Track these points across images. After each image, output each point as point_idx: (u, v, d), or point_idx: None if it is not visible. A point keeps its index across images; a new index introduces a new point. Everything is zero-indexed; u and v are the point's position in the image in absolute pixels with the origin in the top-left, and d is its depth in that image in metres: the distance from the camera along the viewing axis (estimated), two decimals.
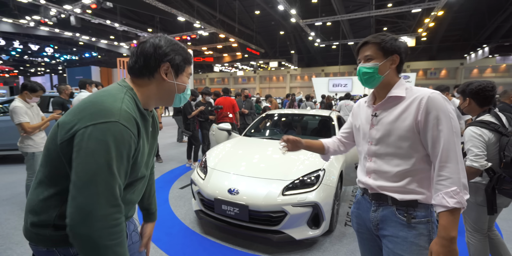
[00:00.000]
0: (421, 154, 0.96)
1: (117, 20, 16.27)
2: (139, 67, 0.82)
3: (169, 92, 0.87)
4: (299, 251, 2.17)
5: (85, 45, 23.50)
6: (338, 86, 16.84)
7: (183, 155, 5.52)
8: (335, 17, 14.87)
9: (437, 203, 0.88)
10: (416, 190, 0.97)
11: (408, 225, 0.97)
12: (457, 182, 0.86)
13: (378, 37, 1.02)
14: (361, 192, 1.16)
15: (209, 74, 36.29)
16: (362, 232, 1.17)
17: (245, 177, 2.33)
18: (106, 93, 0.76)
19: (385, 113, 1.03)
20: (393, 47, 1.00)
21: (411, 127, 0.95)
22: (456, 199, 0.84)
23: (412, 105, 0.96)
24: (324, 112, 3.85)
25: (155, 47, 0.81)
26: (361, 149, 1.14)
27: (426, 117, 0.92)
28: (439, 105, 0.91)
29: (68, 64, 30.73)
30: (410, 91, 1.00)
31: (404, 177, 0.98)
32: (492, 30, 19.07)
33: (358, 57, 1.09)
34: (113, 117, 0.70)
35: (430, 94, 0.93)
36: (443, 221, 0.86)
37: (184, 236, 2.40)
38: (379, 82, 1.04)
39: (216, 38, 21.26)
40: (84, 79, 3.77)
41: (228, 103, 4.99)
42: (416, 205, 0.97)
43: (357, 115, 1.19)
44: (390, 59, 1.01)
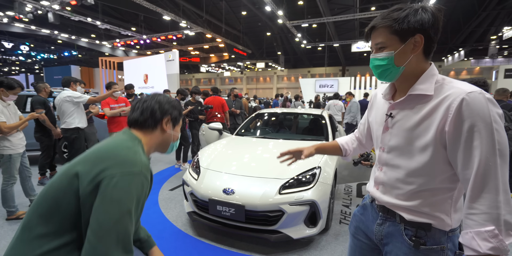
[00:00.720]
0: (445, 174, 0.75)
1: (99, 18, 15.68)
2: (145, 119, 0.92)
3: (167, 140, 1.00)
4: (296, 251, 2.14)
5: (64, 43, 22.48)
6: (325, 87, 17.13)
7: (171, 156, 5.36)
8: (320, 19, 15.14)
9: (465, 244, 0.68)
10: (431, 213, 0.78)
11: (414, 251, 0.79)
12: (495, 219, 0.63)
13: (389, 17, 0.75)
14: (370, 198, 0.98)
15: (195, 74, 35.82)
16: (358, 238, 1.02)
17: (240, 176, 2.27)
18: (122, 145, 0.83)
19: (404, 115, 0.80)
20: (412, 26, 0.72)
21: (435, 139, 0.72)
22: (492, 243, 0.63)
23: (440, 108, 0.71)
24: (316, 111, 3.87)
25: (159, 103, 0.95)
26: (376, 152, 0.95)
27: (457, 127, 0.68)
28: (479, 111, 0.65)
29: (46, 63, 29.28)
30: (440, 87, 0.74)
31: (420, 197, 0.79)
32: (467, 35, 20.16)
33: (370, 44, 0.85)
34: (138, 167, 0.77)
35: (467, 95, 0.67)
36: None
37: (176, 239, 2.30)
38: (398, 74, 0.79)
39: (203, 38, 21.03)
40: (68, 76, 3.54)
41: (218, 102, 4.91)
42: (429, 228, 0.78)
43: (371, 110, 0.98)
44: (410, 43, 0.74)
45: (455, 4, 16.46)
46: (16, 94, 2.53)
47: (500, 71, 17.10)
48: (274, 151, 2.84)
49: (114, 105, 3.83)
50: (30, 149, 4.16)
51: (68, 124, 3.32)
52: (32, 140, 3.66)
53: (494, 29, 18.28)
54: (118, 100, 3.90)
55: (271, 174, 2.25)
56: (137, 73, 17.04)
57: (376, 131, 0.92)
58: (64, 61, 28.20)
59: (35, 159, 3.89)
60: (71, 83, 3.47)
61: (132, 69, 17.60)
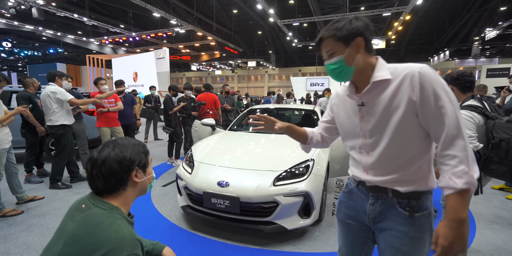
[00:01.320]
0: (420, 137, 0.88)
1: (86, 14, 15.26)
2: (112, 186, 0.83)
3: (142, 188, 0.91)
4: (291, 241, 2.17)
5: (49, 40, 21.78)
6: (316, 85, 17.30)
7: (163, 153, 5.31)
8: (311, 18, 15.26)
9: (444, 185, 0.80)
10: (418, 177, 0.90)
11: (410, 220, 0.90)
12: (464, 160, 0.77)
13: (330, 29, 0.90)
14: (355, 183, 1.04)
15: (186, 73, 35.43)
16: (349, 223, 1.07)
17: (235, 169, 2.28)
18: (100, 228, 0.74)
19: (374, 101, 0.91)
20: (351, 32, 0.87)
21: (408, 110, 0.84)
22: (465, 179, 0.76)
23: (403, 85, 0.85)
24: (308, 107, 3.92)
25: (119, 161, 0.82)
26: (352, 144, 1.02)
27: (422, 95, 0.82)
28: (432, 80, 0.81)
29: (30, 60, 28.29)
30: (395, 71, 0.88)
31: (406, 167, 0.89)
32: (452, 35, 20.81)
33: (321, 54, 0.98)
34: (124, 251, 0.72)
35: (420, 69, 0.83)
36: (452, 203, 0.78)
37: (170, 233, 2.29)
38: (352, 73, 0.92)
39: (193, 36, 20.83)
40: (53, 70, 3.38)
41: (210, 98, 4.89)
42: (419, 197, 0.90)
43: (338, 108, 1.06)
44: (353, 45, 0.88)
45: (440, 6, 16.96)
46: (1, 87, 2.45)
47: (482, 71, 17.74)
48: (267, 146, 2.87)
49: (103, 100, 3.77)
50: (17, 147, 4.04)
51: (53, 121, 3.20)
52: (19, 137, 3.55)
53: (477, 30, 18.95)
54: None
55: (265, 166, 2.28)
56: (126, 71, 16.67)
57: (352, 122, 0.99)
58: (49, 58, 27.29)
59: (23, 157, 3.77)
60: (56, 78, 3.33)
61: (121, 67, 17.20)
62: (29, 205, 2.82)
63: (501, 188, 3.39)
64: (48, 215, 2.60)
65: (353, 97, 0.96)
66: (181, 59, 24.85)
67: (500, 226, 2.44)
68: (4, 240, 2.14)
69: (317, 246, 2.11)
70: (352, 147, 1.02)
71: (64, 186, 3.35)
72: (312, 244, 2.13)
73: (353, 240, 1.09)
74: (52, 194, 3.14)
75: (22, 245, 2.08)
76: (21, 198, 2.83)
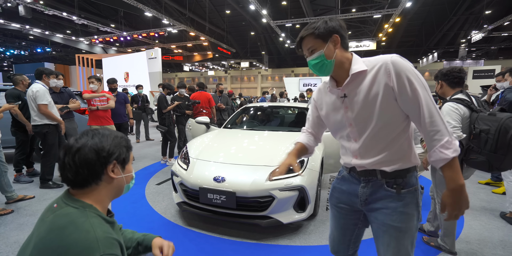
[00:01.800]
0: (401, 119, 0.97)
1: (75, 13, 14.97)
2: (84, 178, 0.75)
3: (119, 186, 0.83)
4: (286, 235, 2.20)
5: (37, 39, 21.28)
6: (308, 86, 17.48)
7: (155, 153, 5.28)
8: (304, 19, 15.41)
9: (435, 159, 0.89)
10: (401, 155, 0.99)
11: (397, 196, 0.99)
12: (445, 132, 0.88)
13: (309, 28, 1.00)
14: (347, 170, 1.12)
15: (178, 73, 35.17)
16: (341, 206, 1.15)
17: (230, 164, 2.30)
18: (70, 228, 0.67)
19: (355, 91, 0.99)
20: (327, 30, 0.98)
21: (387, 96, 0.93)
22: (452, 148, 0.86)
23: (379, 74, 0.94)
24: (302, 105, 3.97)
25: (96, 151, 0.74)
26: (340, 134, 1.10)
27: (398, 80, 0.91)
28: (404, 67, 0.91)
29: (16, 60, 27.52)
30: (369, 63, 0.98)
31: (390, 147, 0.99)
32: (440, 38, 21.38)
33: (303, 53, 1.07)
34: (96, 252, 0.65)
35: (392, 58, 0.93)
36: (449, 173, 0.88)
37: (166, 230, 2.29)
38: (332, 66, 1.00)
39: (186, 36, 20.71)
40: (41, 67, 3.25)
41: (204, 97, 4.88)
42: (404, 175, 1.00)
43: (322, 103, 1.14)
44: (331, 41, 0.98)
45: (429, 8, 17.41)
46: None
47: (469, 72, 18.25)
48: (261, 143, 2.89)
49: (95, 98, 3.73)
50: (7, 147, 3.95)
51: (36, 121, 3.09)
52: (9, 136, 3.47)
53: (463, 33, 19.54)
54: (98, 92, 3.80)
55: (260, 162, 2.30)
56: (117, 71, 16.41)
57: (334, 116, 1.08)
58: (37, 58, 26.60)
59: (12, 156, 3.68)
60: (43, 76, 3.21)
61: (111, 66, 16.92)
62: (19, 205, 2.75)
63: (487, 182, 3.52)
64: (39, 214, 2.54)
65: (335, 90, 1.06)
66: (173, 59, 24.66)
67: (486, 218, 2.53)
68: None
69: (312, 240, 2.14)
70: (341, 137, 1.11)
71: (55, 186, 3.29)
72: (307, 238, 2.17)
73: (344, 223, 1.17)
74: (43, 194, 3.08)
75: (13, 243, 2.03)
76: (11, 197, 2.77)
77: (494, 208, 2.77)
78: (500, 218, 2.53)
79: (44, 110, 3.07)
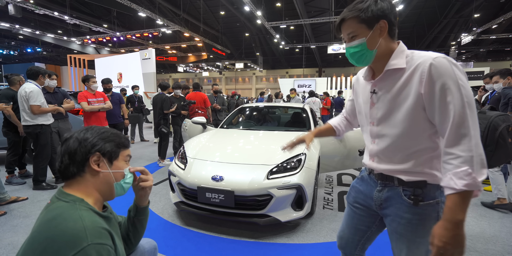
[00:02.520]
0: (428, 132, 0.85)
1: (67, 12, 14.75)
2: (65, 166, 0.77)
3: (107, 183, 0.82)
4: (284, 234, 2.21)
5: (27, 38, 20.90)
6: (303, 87, 17.65)
7: (152, 154, 5.24)
8: (298, 20, 15.56)
9: (444, 185, 0.77)
10: (425, 171, 0.88)
11: (414, 208, 0.89)
12: (469, 161, 0.73)
13: (354, 9, 0.87)
14: (367, 171, 1.07)
15: (172, 74, 34.95)
16: (357, 207, 1.10)
17: (228, 164, 2.30)
18: (58, 219, 0.67)
19: (385, 89, 0.90)
20: (375, 14, 0.84)
21: (415, 103, 0.82)
22: (467, 181, 0.72)
23: (414, 76, 0.82)
24: (298, 105, 4.01)
25: (80, 141, 0.78)
26: (364, 129, 1.04)
27: (431, 88, 0.78)
28: (445, 72, 0.76)
29: (5, 60, 26.92)
30: (411, 59, 0.85)
31: (411, 159, 0.88)
32: (431, 40, 21.86)
33: (341, 36, 0.95)
34: (83, 241, 0.64)
35: (433, 60, 0.78)
36: (450, 203, 0.76)
37: (164, 229, 2.28)
38: (373, 57, 0.89)
39: (180, 37, 20.64)
40: (36, 67, 3.15)
41: (200, 98, 4.88)
42: (424, 186, 0.88)
43: (357, 92, 1.07)
44: (377, 28, 0.85)
45: (420, 11, 17.79)
46: None
47: None
48: (258, 142, 2.91)
49: (92, 99, 3.67)
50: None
51: (28, 121, 3.03)
52: (1, 137, 3.39)
53: (453, 36, 20.02)
54: (96, 95, 3.74)
55: (258, 160, 2.31)
56: (110, 71, 16.20)
57: (364, 109, 1.01)
58: (27, 58, 26.10)
59: (3, 158, 3.60)
60: (40, 76, 3.13)
61: (104, 67, 16.70)
62: (11, 206, 2.70)
63: None
64: (33, 216, 2.50)
65: (368, 82, 0.97)
66: (167, 60, 24.53)
67: (478, 215, 2.60)
68: None
69: (309, 238, 2.16)
70: (365, 132, 1.04)
71: (49, 187, 3.23)
72: (305, 236, 2.19)
73: (357, 223, 1.12)
74: (36, 195, 3.03)
75: (8, 245, 1.99)
76: (3, 199, 2.71)
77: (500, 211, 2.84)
78: (490, 214, 2.60)
79: (36, 110, 3.00)
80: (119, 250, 0.76)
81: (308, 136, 1.20)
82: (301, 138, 1.20)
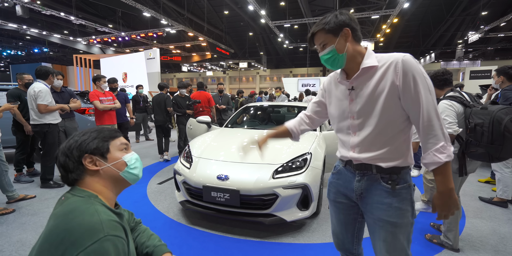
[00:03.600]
0: (403, 118, 0.98)
1: (73, 13, 14.90)
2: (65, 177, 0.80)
3: (112, 176, 0.84)
4: (290, 233, 2.20)
5: (34, 39, 21.15)
6: (307, 86, 17.54)
7: (157, 153, 5.25)
8: (302, 19, 15.48)
9: (429, 161, 0.92)
10: (398, 155, 1.00)
11: (393, 192, 1.00)
12: (442, 137, 0.90)
13: (319, 24, 1.02)
14: (342, 163, 1.15)
15: (176, 74, 35.09)
16: (339, 201, 1.17)
17: (234, 163, 2.30)
18: (75, 213, 0.70)
19: (363, 85, 1.01)
20: (338, 24, 0.98)
21: (392, 94, 0.95)
22: (446, 153, 0.89)
23: (388, 71, 0.95)
24: (303, 104, 3.99)
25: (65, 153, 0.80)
26: (340, 125, 1.11)
27: (404, 80, 0.92)
28: (413, 67, 0.92)
29: (13, 60, 27.33)
30: (381, 59, 0.98)
31: (388, 145, 1.00)
32: (437, 38, 21.54)
33: (314, 47, 1.08)
34: (100, 233, 0.66)
35: (403, 57, 0.94)
36: (439, 177, 0.92)
37: (169, 228, 2.29)
38: (344, 60, 1.01)
39: (184, 36, 20.70)
40: (46, 67, 3.19)
41: (204, 97, 4.89)
42: (399, 171, 1.00)
43: (330, 92, 1.16)
44: (342, 35, 0.99)
45: (426, 9, 17.56)
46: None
47: (466, 73, 18.41)
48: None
49: (103, 98, 3.73)
50: (7, 146, 3.92)
51: (36, 120, 3.07)
52: (10, 136, 3.44)
53: (460, 34, 19.71)
54: (105, 93, 3.83)
55: (263, 160, 2.30)
56: (115, 71, 16.34)
57: (342, 105, 1.09)
58: (34, 58, 26.44)
59: (12, 156, 3.65)
60: (50, 76, 3.18)
61: (109, 67, 16.86)
62: (20, 204, 2.74)
63: (487, 181, 3.55)
64: (41, 214, 2.53)
65: (344, 82, 1.07)
66: (171, 59, 24.64)
67: (488, 216, 2.55)
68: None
69: (315, 237, 2.15)
70: (340, 129, 1.12)
71: (56, 185, 3.27)
72: (311, 236, 2.17)
73: (344, 217, 1.18)
74: (44, 193, 3.06)
75: (16, 242, 2.02)
76: (12, 197, 2.75)
77: (495, 206, 2.79)
78: (501, 215, 2.55)
79: (43, 109, 3.04)
80: (130, 246, 0.77)
81: (262, 139, 1.28)
82: (255, 140, 1.28)
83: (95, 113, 3.81)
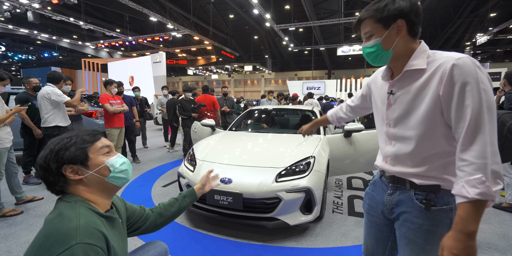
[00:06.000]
0: (446, 137, 0.80)
1: (82, 18, 15.28)
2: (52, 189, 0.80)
3: (98, 183, 0.81)
4: (293, 237, 2.19)
5: (44, 44, 21.72)
6: (312, 89, 17.57)
7: (162, 156, 5.31)
8: (307, 23, 15.52)
9: (456, 193, 0.73)
10: (440, 176, 0.83)
11: (425, 212, 0.85)
12: (482, 168, 0.69)
13: (371, 9, 0.84)
14: (379, 174, 1.04)
15: (182, 77, 35.50)
16: (372, 214, 1.06)
17: (237, 166, 2.31)
18: (58, 218, 0.71)
19: (403, 90, 0.85)
20: (392, 13, 0.80)
21: (433, 105, 0.78)
22: (480, 189, 0.68)
23: (434, 77, 0.77)
24: (306, 107, 3.99)
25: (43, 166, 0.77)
26: (379, 130, 0.99)
27: (450, 90, 0.74)
28: (467, 73, 0.72)
29: (24, 64, 28.06)
30: (432, 60, 0.80)
31: (426, 163, 0.84)
32: (444, 41, 21.32)
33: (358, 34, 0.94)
34: (73, 240, 0.65)
35: (457, 60, 0.74)
36: (461, 213, 0.71)
37: (173, 231, 2.30)
38: (389, 57, 0.86)
39: (190, 40, 20.97)
40: (58, 72, 3.26)
41: (209, 100, 4.93)
42: (438, 190, 0.84)
43: (374, 92, 1.03)
44: (393, 28, 0.82)
45: (433, 12, 17.41)
46: (5, 85, 2.46)
47: None
48: (267, 145, 2.90)
49: (113, 101, 3.88)
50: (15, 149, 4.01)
51: (47, 122, 3.14)
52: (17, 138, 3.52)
53: (468, 36, 19.46)
54: (114, 97, 4.02)
55: (267, 163, 2.31)
56: (122, 75, 16.66)
57: (381, 109, 0.97)
58: (44, 62, 27.14)
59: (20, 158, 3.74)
60: (61, 81, 3.25)
61: (117, 71, 17.20)
62: (28, 206, 2.79)
63: None
64: None
65: (386, 82, 0.94)
66: (177, 63, 24.96)
67: (496, 221, 2.50)
68: (5, 239, 2.12)
69: (319, 242, 2.13)
70: (380, 133, 1.00)
71: None
72: (314, 240, 2.16)
73: (375, 233, 1.08)
74: (51, 195, 3.08)
75: (24, 243, 2.06)
76: (21, 198, 2.81)
77: (503, 211, 2.73)
78: (510, 220, 2.49)
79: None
80: (116, 253, 0.76)
81: (308, 125, 1.48)
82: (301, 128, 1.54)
83: (104, 116, 3.91)
